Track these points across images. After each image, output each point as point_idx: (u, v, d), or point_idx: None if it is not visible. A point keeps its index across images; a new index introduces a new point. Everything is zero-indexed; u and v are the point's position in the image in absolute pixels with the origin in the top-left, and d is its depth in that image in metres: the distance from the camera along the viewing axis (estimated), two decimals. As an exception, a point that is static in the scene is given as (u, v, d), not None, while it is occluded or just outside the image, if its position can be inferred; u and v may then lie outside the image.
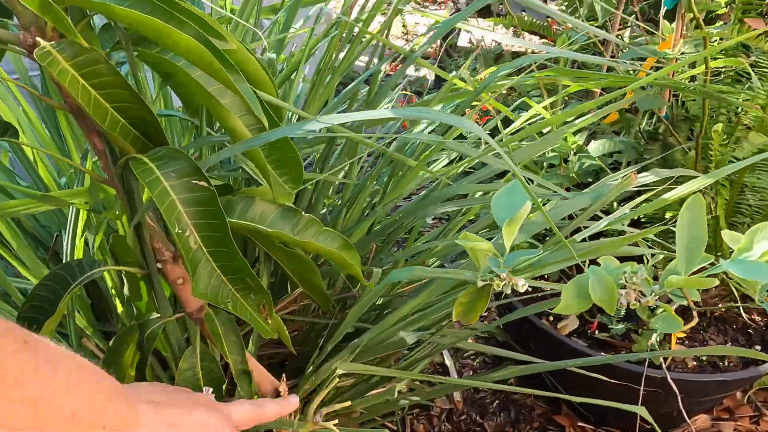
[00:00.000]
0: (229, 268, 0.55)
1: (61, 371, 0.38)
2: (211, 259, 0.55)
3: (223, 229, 0.53)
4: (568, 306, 0.52)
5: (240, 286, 0.57)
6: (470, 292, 0.50)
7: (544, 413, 1.48)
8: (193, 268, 0.54)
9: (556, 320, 1.31)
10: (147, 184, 0.51)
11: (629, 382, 1.10)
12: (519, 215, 0.47)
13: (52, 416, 0.37)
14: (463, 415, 1.52)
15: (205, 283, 0.55)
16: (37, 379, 0.36)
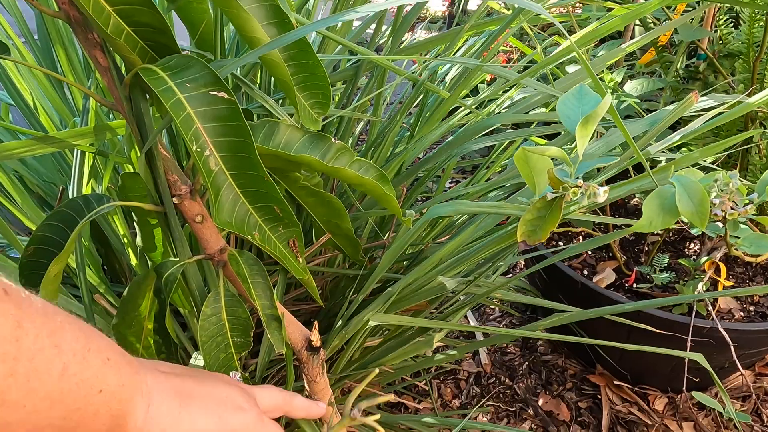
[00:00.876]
0: (255, 194, 0.49)
1: (49, 325, 0.32)
2: (234, 184, 0.48)
3: (248, 149, 0.46)
4: (651, 222, 0.45)
5: (268, 216, 0.50)
6: (537, 207, 0.43)
7: (577, 373, 1.42)
8: (215, 193, 0.47)
9: (590, 275, 1.25)
10: (159, 95, 0.44)
11: (675, 332, 1.03)
12: (597, 112, 0.40)
13: (38, 375, 0.31)
14: (491, 378, 1.46)
15: (228, 211, 0.48)
16: (20, 333, 0.30)
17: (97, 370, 0.34)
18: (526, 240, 0.44)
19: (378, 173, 0.61)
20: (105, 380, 0.34)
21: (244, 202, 0.49)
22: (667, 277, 1.09)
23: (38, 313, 0.31)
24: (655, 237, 1.30)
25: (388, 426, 1.11)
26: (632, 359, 1.25)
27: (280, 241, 0.52)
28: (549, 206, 0.43)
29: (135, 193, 0.62)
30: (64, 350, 0.32)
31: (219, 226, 0.47)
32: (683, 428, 1.28)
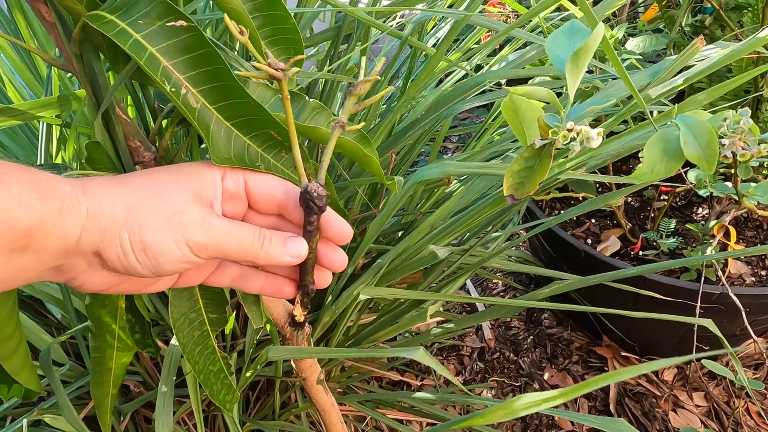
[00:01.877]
0: (246, 123, 0.43)
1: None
2: (221, 117, 0.42)
3: (225, 76, 0.41)
4: (653, 169, 0.40)
5: (267, 143, 0.45)
6: (525, 157, 0.39)
7: (584, 346, 1.38)
8: (204, 131, 0.42)
9: (594, 245, 1.20)
10: (115, 39, 0.39)
11: (683, 299, 0.99)
12: (588, 45, 0.35)
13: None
14: (495, 353, 1.43)
15: (224, 147, 0.43)
16: None
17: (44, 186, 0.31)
18: (513, 193, 0.40)
19: (359, 134, 0.56)
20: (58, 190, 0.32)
21: (238, 134, 0.44)
22: (674, 242, 1.05)
23: None
24: (661, 203, 1.25)
25: (389, 405, 1.09)
26: (639, 330, 1.21)
27: (286, 167, 0.47)
28: (538, 155, 0.39)
29: (100, 164, 0.58)
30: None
31: (219, 163, 0.42)
32: (693, 398, 1.25)
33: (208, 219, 0.36)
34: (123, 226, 0.34)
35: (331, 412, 0.72)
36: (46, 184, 0.31)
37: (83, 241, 0.33)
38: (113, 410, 0.82)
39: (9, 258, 0.30)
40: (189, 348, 0.54)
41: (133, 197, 0.35)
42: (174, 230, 0.35)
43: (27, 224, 0.30)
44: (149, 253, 0.34)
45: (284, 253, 0.39)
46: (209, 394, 0.57)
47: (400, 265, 0.71)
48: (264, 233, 0.39)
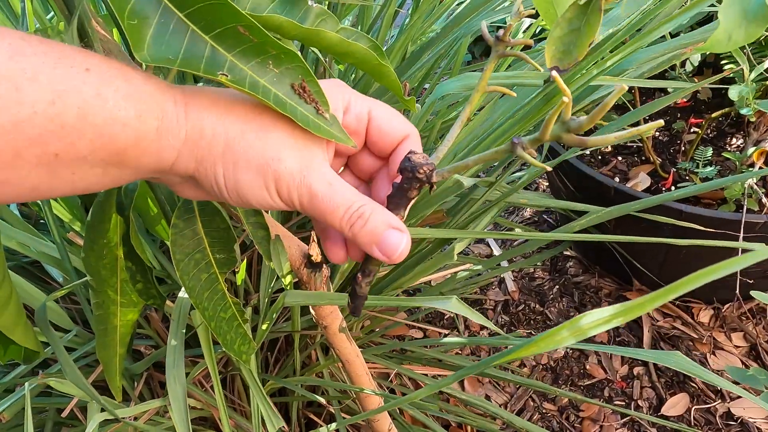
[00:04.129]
0: (204, 12, 0.30)
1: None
2: (172, 6, 0.30)
3: None
4: (729, 37, 0.34)
5: (240, 46, 0.33)
6: (568, 18, 0.32)
7: (613, 292, 1.33)
8: (140, 23, 0.32)
9: (622, 182, 1.13)
10: None
11: (724, 230, 0.92)
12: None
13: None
14: (520, 305, 1.38)
15: (172, 45, 0.32)
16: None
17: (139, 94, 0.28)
18: (557, 64, 0.33)
19: (371, 43, 0.50)
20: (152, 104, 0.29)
21: (196, 30, 0.31)
22: (711, 170, 0.98)
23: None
24: (692, 135, 1.17)
25: (414, 360, 1.04)
26: (673, 270, 1.15)
27: (276, 87, 0.33)
28: (584, 13, 0.32)
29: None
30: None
31: (149, 63, 0.32)
32: (732, 339, 1.19)
33: (304, 174, 0.32)
34: (219, 160, 0.31)
35: (356, 362, 0.67)
36: (147, 98, 0.29)
37: (178, 165, 0.31)
38: (125, 374, 0.78)
39: (105, 170, 0.29)
40: (196, 293, 0.49)
41: (234, 128, 0.31)
42: (267, 177, 0.32)
43: (123, 142, 0.28)
44: (240, 192, 0.32)
45: (374, 242, 0.33)
46: (222, 344, 0.51)
47: (423, 198, 0.65)
48: (362, 211, 0.32)
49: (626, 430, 1.11)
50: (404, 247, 0.33)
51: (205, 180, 0.32)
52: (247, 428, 0.78)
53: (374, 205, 0.33)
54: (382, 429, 0.76)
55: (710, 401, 1.12)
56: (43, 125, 0.25)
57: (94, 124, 0.27)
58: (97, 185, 0.30)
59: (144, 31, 0.31)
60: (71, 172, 0.28)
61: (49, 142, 0.26)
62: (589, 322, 0.28)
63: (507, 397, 1.20)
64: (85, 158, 0.27)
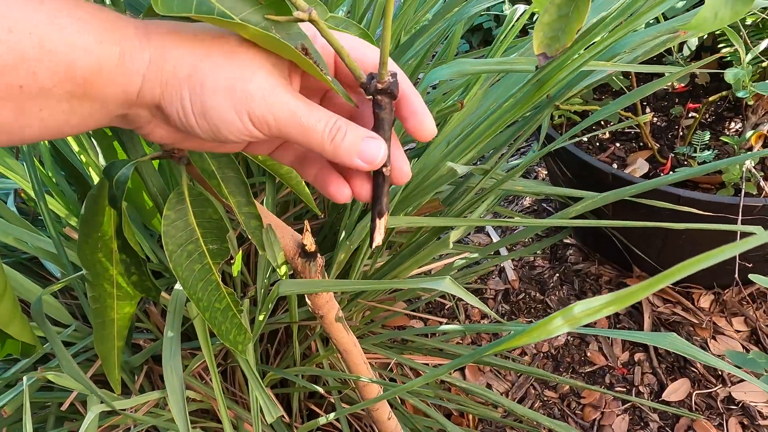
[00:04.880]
0: None
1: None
2: None
3: None
4: (715, 15, 0.33)
5: (251, 7, 0.36)
6: (557, 4, 0.32)
7: (613, 279, 1.33)
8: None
9: (620, 169, 1.13)
10: None
11: (723, 214, 0.92)
12: None
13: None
14: (520, 294, 1.38)
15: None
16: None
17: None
18: (545, 51, 0.33)
19: (361, 31, 0.49)
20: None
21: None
22: (709, 154, 0.97)
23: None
24: (690, 120, 1.17)
25: (414, 349, 1.04)
26: (673, 256, 1.15)
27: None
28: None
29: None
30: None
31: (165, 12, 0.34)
32: (733, 324, 1.19)
33: (276, 91, 0.31)
34: (185, 83, 0.30)
35: (354, 352, 0.67)
36: (106, 23, 0.28)
37: (144, 92, 0.30)
38: (124, 367, 0.78)
39: (71, 104, 0.28)
40: (190, 284, 0.49)
41: (200, 51, 0.30)
42: (236, 98, 0.30)
43: (84, 69, 0.27)
44: (209, 118, 0.30)
45: (354, 153, 0.32)
46: (218, 335, 0.52)
47: (417, 188, 0.65)
48: (339, 124, 0.32)
49: (627, 415, 1.11)
50: (384, 153, 0.33)
51: (171, 107, 0.30)
52: (247, 419, 0.79)
53: (348, 122, 0.32)
54: (382, 418, 0.76)
55: (711, 386, 1.12)
56: (1, 56, 0.25)
57: (54, 51, 0.26)
58: (67, 125, 0.29)
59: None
60: (38, 108, 0.27)
61: (10, 73, 0.25)
62: (582, 310, 0.28)
63: (508, 385, 1.20)
64: (50, 91, 0.27)
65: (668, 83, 1.19)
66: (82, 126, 0.30)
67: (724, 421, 1.06)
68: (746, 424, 1.06)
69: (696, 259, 0.25)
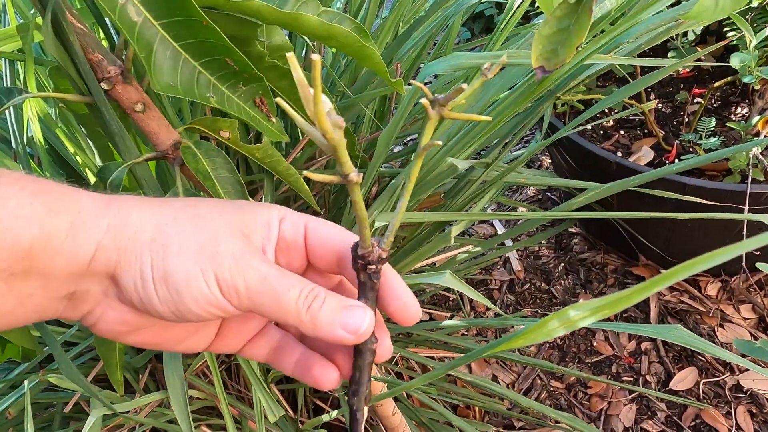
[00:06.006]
0: (197, 46, 0.38)
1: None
2: (168, 36, 0.37)
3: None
4: (716, 4, 0.32)
5: (221, 71, 0.40)
6: (558, 16, 0.31)
7: (619, 268, 1.31)
8: (146, 51, 0.36)
9: (625, 156, 1.12)
10: None
11: (729, 203, 0.91)
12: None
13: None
14: (525, 284, 1.37)
15: (170, 72, 0.38)
16: None
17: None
18: (543, 64, 0.32)
19: (355, 25, 0.49)
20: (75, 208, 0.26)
21: (187, 58, 0.38)
22: (715, 141, 0.96)
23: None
24: (695, 106, 1.15)
25: (419, 343, 1.04)
26: (679, 244, 1.14)
27: (243, 101, 0.41)
28: (574, 12, 0.31)
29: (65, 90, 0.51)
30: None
31: (160, 92, 0.36)
32: (741, 311, 1.18)
33: (247, 256, 0.27)
34: (147, 247, 0.27)
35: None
36: (59, 195, 0.26)
37: (98, 260, 0.26)
38: (129, 367, 0.78)
39: (10, 283, 0.25)
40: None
41: (166, 216, 0.28)
42: (204, 259, 0.27)
43: (28, 241, 0.24)
44: (170, 284, 0.27)
45: (336, 322, 0.28)
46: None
47: (418, 183, 0.64)
48: (317, 291, 0.28)
49: (635, 405, 1.10)
50: (369, 322, 0.29)
51: (128, 275, 0.27)
52: (252, 417, 0.79)
53: (327, 290, 0.29)
54: (387, 413, 0.76)
55: (719, 374, 1.11)
56: None
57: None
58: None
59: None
60: None
61: None
62: (577, 313, 0.28)
63: (514, 376, 1.20)
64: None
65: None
66: (17, 312, 0.26)
67: (732, 410, 1.06)
68: (755, 413, 1.05)
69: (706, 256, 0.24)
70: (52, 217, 0.25)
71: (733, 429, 1.03)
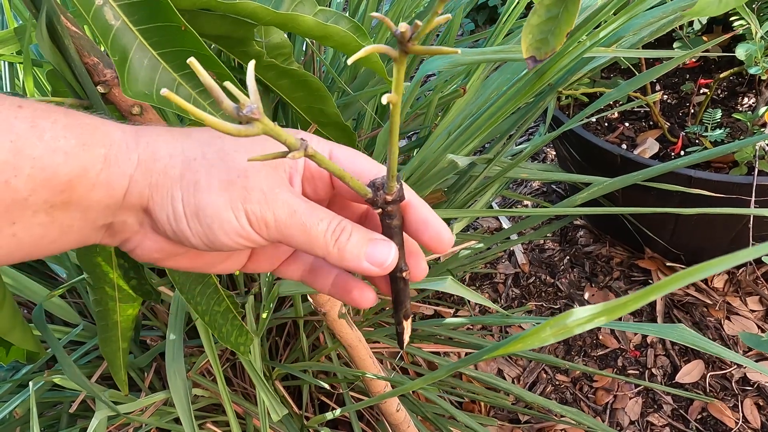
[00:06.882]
0: (177, 55, 0.37)
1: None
2: (146, 43, 0.36)
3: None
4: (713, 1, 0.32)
5: (202, 87, 0.39)
6: (546, 5, 0.31)
7: (624, 261, 1.31)
8: (120, 57, 0.36)
9: (630, 150, 1.11)
10: None
11: (735, 195, 0.90)
12: None
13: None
14: (531, 278, 1.37)
15: (146, 81, 0.37)
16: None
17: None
18: (534, 54, 0.32)
19: (352, 24, 0.48)
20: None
21: (167, 68, 0.38)
22: (721, 133, 0.95)
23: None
24: (701, 97, 1.14)
25: (424, 338, 1.04)
26: (685, 237, 1.13)
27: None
28: (562, 0, 0.31)
29: (62, 93, 0.51)
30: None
31: (132, 98, 0.36)
32: (747, 303, 1.17)
33: (276, 190, 0.28)
34: (177, 183, 0.28)
35: (359, 347, 0.67)
36: (90, 128, 0.27)
37: (131, 194, 0.28)
38: (132, 366, 0.79)
39: (51, 215, 0.26)
40: (188, 288, 0.49)
41: (194, 151, 0.28)
42: (233, 195, 0.28)
43: (66, 174, 0.25)
44: (202, 219, 0.28)
45: (362, 255, 0.29)
46: (218, 337, 0.51)
47: (418, 180, 0.63)
48: (344, 225, 0.29)
49: (640, 398, 1.10)
50: (393, 255, 0.29)
51: (161, 210, 0.28)
52: (257, 415, 0.79)
53: (353, 223, 0.29)
54: (390, 410, 0.76)
55: (726, 367, 1.10)
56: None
57: (31, 156, 0.24)
58: (43, 240, 0.26)
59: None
60: (11, 221, 0.25)
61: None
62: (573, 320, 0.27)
63: (519, 370, 1.20)
64: (26, 200, 0.25)
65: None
66: (62, 241, 0.27)
67: (739, 403, 1.05)
68: (762, 405, 1.05)
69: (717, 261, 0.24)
70: (85, 150, 0.26)
71: (739, 422, 1.02)
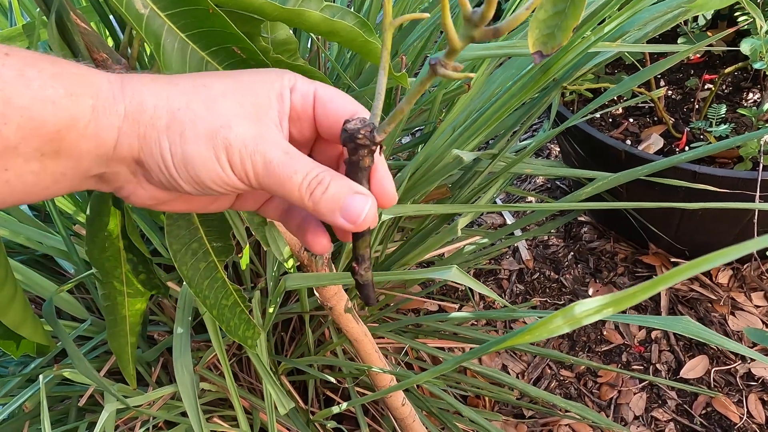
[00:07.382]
0: (204, 35, 0.38)
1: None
2: (174, 27, 0.37)
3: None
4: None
5: (229, 60, 0.40)
6: (552, 0, 0.30)
7: (629, 256, 1.31)
8: (154, 43, 0.37)
9: (634, 145, 1.11)
10: None
11: (740, 190, 0.90)
12: None
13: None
14: (535, 274, 1.37)
15: (178, 63, 0.38)
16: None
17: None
18: (540, 49, 0.31)
19: (357, 19, 0.48)
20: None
21: (195, 48, 0.38)
22: (725, 129, 0.95)
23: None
24: (706, 92, 1.14)
25: (428, 334, 1.04)
26: (690, 232, 1.13)
27: None
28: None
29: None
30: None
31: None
32: (752, 299, 1.17)
33: (257, 140, 0.29)
34: (164, 133, 0.28)
35: (364, 341, 0.67)
36: (78, 77, 0.27)
37: (122, 146, 0.28)
38: (140, 360, 0.80)
39: (42, 163, 0.26)
40: (196, 282, 0.49)
41: (179, 100, 0.29)
42: (216, 146, 0.28)
43: (54, 124, 0.26)
44: (190, 168, 0.29)
45: (337, 211, 0.29)
46: (226, 331, 0.52)
47: (423, 176, 0.64)
48: (321, 177, 0.29)
49: (645, 393, 1.10)
50: (369, 212, 0.29)
51: (151, 160, 0.28)
52: (263, 409, 0.79)
53: (334, 173, 0.29)
54: (396, 404, 0.76)
55: (730, 362, 1.11)
56: None
57: (20, 105, 0.24)
58: (36, 187, 0.27)
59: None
60: (3, 168, 0.25)
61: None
62: (582, 311, 0.28)
63: (524, 365, 1.20)
64: (16, 148, 0.25)
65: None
66: (55, 188, 0.28)
67: (744, 398, 1.05)
68: (766, 400, 1.05)
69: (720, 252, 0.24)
70: (73, 101, 0.26)
71: (744, 417, 1.03)
